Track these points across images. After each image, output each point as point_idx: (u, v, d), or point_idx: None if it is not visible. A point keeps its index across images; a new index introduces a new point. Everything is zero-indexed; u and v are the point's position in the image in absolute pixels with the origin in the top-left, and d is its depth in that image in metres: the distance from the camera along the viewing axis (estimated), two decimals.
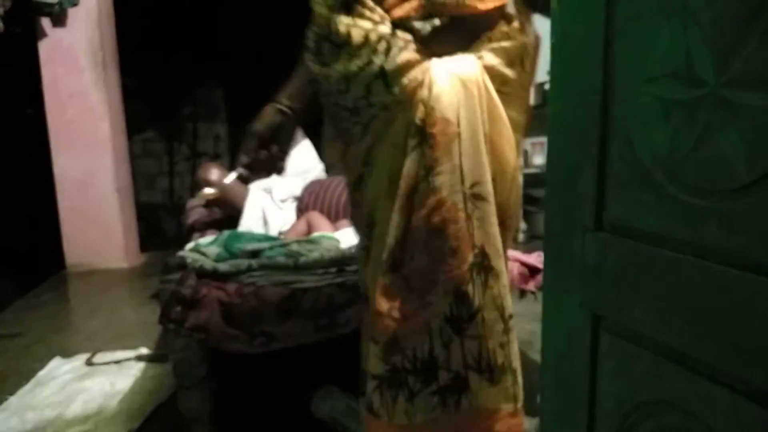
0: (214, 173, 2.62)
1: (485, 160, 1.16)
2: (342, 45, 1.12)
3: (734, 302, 0.55)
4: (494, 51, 1.18)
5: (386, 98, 1.13)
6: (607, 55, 0.68)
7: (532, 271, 1.71)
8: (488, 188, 1.16)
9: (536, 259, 1.73)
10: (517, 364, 1.24)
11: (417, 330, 1.17)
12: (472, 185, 1.15)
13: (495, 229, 1.18)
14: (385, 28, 1.12)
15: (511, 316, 1.22)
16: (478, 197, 1.16)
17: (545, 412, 0.89)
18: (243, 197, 2.57)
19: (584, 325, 0.75)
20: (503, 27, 1.19)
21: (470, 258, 1.15)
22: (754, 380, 0.54)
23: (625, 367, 0.70)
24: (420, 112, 1.13)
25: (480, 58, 1.17)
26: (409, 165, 1.14)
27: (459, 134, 1.13)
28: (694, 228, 0.59)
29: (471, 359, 1.18)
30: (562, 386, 0.82)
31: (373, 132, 1.17)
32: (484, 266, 1.17)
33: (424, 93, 1.12)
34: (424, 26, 1.16)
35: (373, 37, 1.10)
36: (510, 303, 1.22)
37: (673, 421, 0.64)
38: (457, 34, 1.19)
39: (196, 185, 2.71)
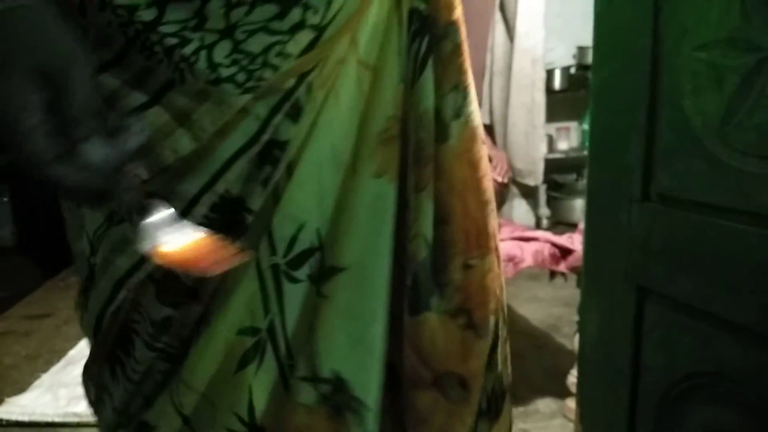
0: None
1: None
2: None
3: None
4: None
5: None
6: (657, 20, 0.67)
7: (563, 251, 1.70)
8: None
9: (567, 240, 1.71)
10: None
11: None
12: None
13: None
14: None
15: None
16: None
17: (583, 386, 0.88)
18: None
19: (629, 297, 0.74)
20: None
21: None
22: None
23: (672, 339, 0.69)
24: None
25: None
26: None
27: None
28: (748, 195, 0.58)
29: None
30: (604, 360, 0.82)
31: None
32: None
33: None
34: None
35: None
36: None
37: (721, 392, 0.63)
38: None
39: None
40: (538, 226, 4.34)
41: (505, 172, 2.59)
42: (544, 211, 4.49)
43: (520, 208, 4.43)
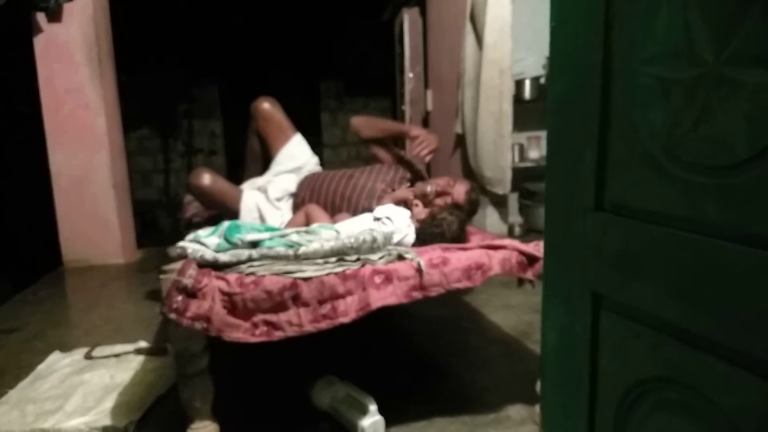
0: (205, 178, 2.46)
1: None
2: None
3: (734, 276, 0.56)
4: None
5: None
6: (608, 36, 0.69)
7: (530, 259, 1.72)
8: None
9: (534, 248, 1.73)
10: None
11: None
12: None
13: None
14: None
15: None
16: None
17: (545, 392, 0.90)
18: (237, 199, 2.49)
19: (585, 304, 0.76)
20: None
21: None
22: (754, 353, 0.55)
23: (626, 345, 0.71)
24: None
25: None
26: None
27: None
28: (694, 205, 0.60)
29: None
30: (563, 366, 0.83)
31: None
32: None
33: None
34: None
35: None
36: None
37: (673, 396, 0.65)
38: None
39: (189, 190, 2.60)
40: (510, 233, 4.38)
41: (430, 149, 2.64)
42: (517, 219, 4.53)
43: (492, 217, 4.47)
